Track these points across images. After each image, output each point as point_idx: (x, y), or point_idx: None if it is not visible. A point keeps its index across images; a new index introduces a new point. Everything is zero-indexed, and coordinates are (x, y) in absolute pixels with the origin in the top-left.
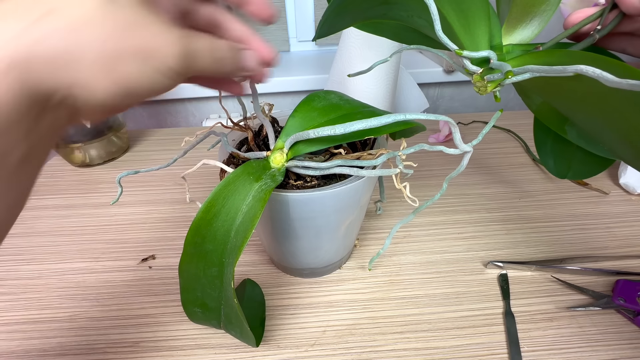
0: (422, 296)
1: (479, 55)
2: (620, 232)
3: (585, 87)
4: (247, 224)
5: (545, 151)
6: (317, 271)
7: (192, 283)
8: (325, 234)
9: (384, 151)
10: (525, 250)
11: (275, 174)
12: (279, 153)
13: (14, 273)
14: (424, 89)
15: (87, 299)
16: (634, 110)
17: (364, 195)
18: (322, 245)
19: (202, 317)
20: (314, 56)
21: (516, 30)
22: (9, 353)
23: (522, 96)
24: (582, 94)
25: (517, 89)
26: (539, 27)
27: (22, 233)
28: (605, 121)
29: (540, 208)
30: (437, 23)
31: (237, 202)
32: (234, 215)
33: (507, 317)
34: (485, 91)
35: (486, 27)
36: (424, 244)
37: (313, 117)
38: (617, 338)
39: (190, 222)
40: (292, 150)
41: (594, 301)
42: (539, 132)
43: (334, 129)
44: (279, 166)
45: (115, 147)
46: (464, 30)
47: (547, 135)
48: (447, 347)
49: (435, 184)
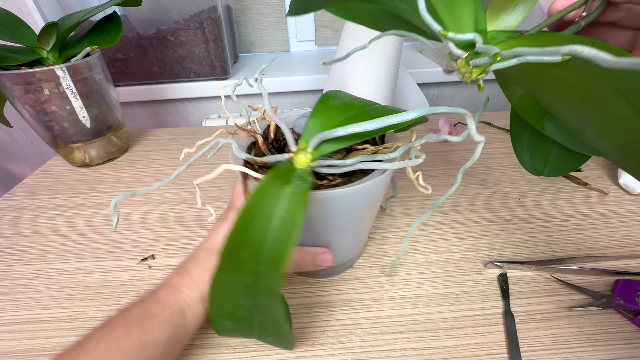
0: (422, 296)
1: (464, 37)
2: (619, 232)
3: (571, 76)
4: (286, 228)
5: (522, 147)
6: (335, 270)
7: (223, 296)
8: (348, 231)
9: (400, 144)
10: (524, 250)
11: (303, 175)
12: (303, 154)
13: (14, 273)
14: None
15: (86, 299)
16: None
17: (384, 189)
18: (345, 243)
19: (232, 329)
20: (314, 56)
21: (500, 17)
22: (8, 353)
23: (503, 88)
24: (567, 84)
25: (499, 81)
26: (523, 14)
27: (21, 233)
28: (587, 113)
29: (540, 208)
30: (422, 1)
31: (270, 208)
32: (267, 222)
33: (507, 317)
34: (470, 77)
35: (471, 11)
36: (423, 244)
37: (331, 116)
38: (617, 338)
39: (189, 221)
40: (317, 150)
41: (594, 301)
42: (516, 127)
43: (364, 125)
44: (305, 167)
45: (115, 147)
46: (448, 12)
47: (524, 130)
48: (447, 347)
49: (436, 184)
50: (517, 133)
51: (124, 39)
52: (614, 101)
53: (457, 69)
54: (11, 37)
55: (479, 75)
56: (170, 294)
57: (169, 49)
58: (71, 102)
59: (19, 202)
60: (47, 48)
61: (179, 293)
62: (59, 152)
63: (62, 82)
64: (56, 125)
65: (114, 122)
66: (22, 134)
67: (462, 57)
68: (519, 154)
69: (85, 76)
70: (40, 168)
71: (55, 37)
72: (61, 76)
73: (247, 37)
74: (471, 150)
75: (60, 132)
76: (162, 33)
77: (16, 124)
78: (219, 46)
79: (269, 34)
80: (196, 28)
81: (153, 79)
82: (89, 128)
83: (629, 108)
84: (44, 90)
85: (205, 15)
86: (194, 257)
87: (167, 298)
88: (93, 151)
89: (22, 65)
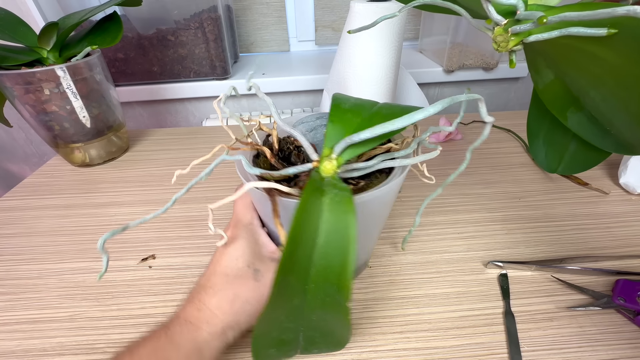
0: (422, 296)
1: (507, 1)
2: (620, 232)
3: (613, 55)
4: (341, 240)
5: (538, 143)
6: (355, 273)
7: (269, 327)
8: (375, 232)
9: (409, 139)
10: (525, 250)
11: (334, 183)
12: (328, 161)
13: (14, 273)
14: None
15: (87, 299)
16: None
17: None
18: (369, 244)
19: (276, 355)
20: (314, 56)
21: None
22: (8, 353)
23: (532, 71)
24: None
25: (528, 61)
26: None
27: (21, 233)
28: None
29: (540, 208)
30: None
31: (313, 223)
32: (313, 238)
33: (507, 317)
34: (507, 47)
35: None
36: (423, 244)
37: (349, 120)
38: (617, 338)
39: (190, 221)
40: (341, 156)
41: (594, 301)
42: (534, 122)
43: (392, 124)
44: (332, 174)
45: (115, 147)
46: None
47: (542, 124)
48: (447, 347)
49: (436, 184)
50: (535, 127)
51: (124, 38)
52: None
53: (493, 38)
54: (11, 37)
55: (515, 46)
56: (188, 332)
57: (169, 48)
58: (71, 102)
59: (20, 202)
60: (48, 48)
61: (197, 330)
62: (59, 152)
63: (62, 82)
64: (56, 125)
65: (114, 122)
66: (22, 134)
67: (501, 24)
68: (534, 149)
69: (86, 76)
70: (41, 168)
71: (56, 37)
72: (61, 76)
73: (247, 37)
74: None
75: (61, 132)
76: (163, 33)
77: (16, 124)
78: (219, 46)
79: (269, 34)
80: (196, 28)
81: (153, 78)
82: (89, 128)
83: None
84: (44, 90)
85: (205, 15)
86: (207, 285)
87: (183, 337)
88: (93, 151)
89: (22, 65)
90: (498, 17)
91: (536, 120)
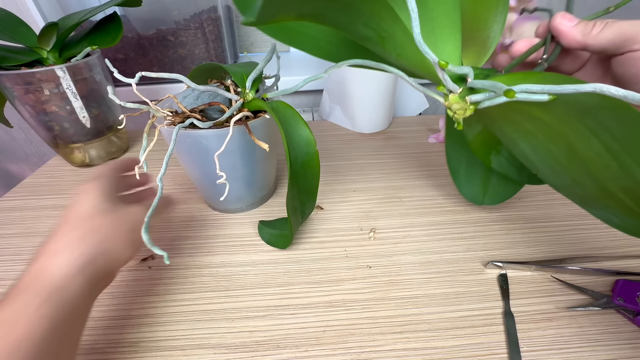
0: (422, 296)
1: (460, 71)
2: (619, 232)
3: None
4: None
5: (460, 179)
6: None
7: (291, 201)
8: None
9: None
10: (524, 250)
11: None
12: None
13: (14, 273)
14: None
15: None
16: (591, 140)
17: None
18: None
19: (296, 222)
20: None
21: (467, 55)
22: None
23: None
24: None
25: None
26: (486, 56)
27: (22, 233)
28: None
29: (540, 208)
30: (417, 25)
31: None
32: (292, 140)
33: (507, 317)
34: (463, 114)
35: (457, 45)
36: (423, 244)
37: None
38: (617, 338)
39: (190, 221)
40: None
41: (594, 301)
42: (452, 161)
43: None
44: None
45: (115, 147)
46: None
47: (460, 163)
48: (447, 347)
49: (436, 184)
50: (454, 165)
51: (124, 39)
52: (584, 141)
53: (448, 105)
54: (11, 37)
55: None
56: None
57: (169, 49)
58: (71, 102)
59: (20, 202)
60: (47, 48)
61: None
62: (59, 152)
63: (62, 82)
64: (56, 126)
65: (114, 122)
66: (22, 134)
67: (456, 92)
68: (459, 184)
69: (86, 76)
70: (41, 168)
71: (56, 37)
72: (61, 76)
73: (247, 37)
74: None
75: (61, 132)
76: (162, 33)
77: (16, 124)
78: (219, 46)
79: None
80: (196, 28)
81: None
82: (89, 128)
83: (600, 146)
84: (44, 90)
85: (205, 15)
86: (63, 231)
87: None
88: (93, 151)
89: (22, 65)
90: (454, 86)
91: (454, 159)
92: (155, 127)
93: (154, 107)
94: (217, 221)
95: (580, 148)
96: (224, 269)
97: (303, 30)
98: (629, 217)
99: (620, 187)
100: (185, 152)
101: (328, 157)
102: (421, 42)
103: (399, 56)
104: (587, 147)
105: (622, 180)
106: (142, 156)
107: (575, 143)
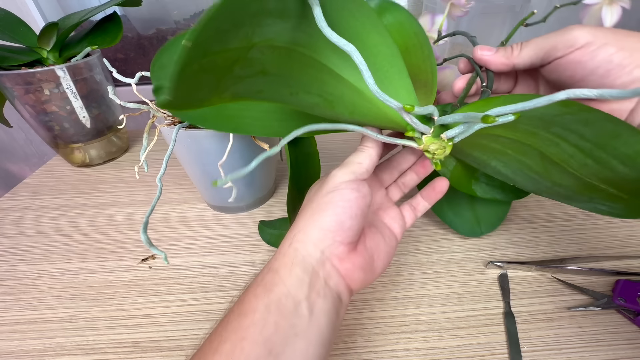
0: (422, 296)
1: (426, 111)
2: (620, 232)
3: (512, 133)
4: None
5: (449, 217)
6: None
7: None
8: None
9: None
10: (525, 250)
11: None
12: None
13: (14, 273)
14: None
15: (87, 299)
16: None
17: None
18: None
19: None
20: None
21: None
22: (9, 353)
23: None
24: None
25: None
26: (432, 94)
27: (22, 233)
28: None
29: (540, 208)
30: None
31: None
32: None
33: (507, 317)
34: (444, 153)
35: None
36: (424, 244)
37: None
38: (618, 338)
39: (190, 221)
40: None
41: (594, 301)
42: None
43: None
44: None
45: (115, 147)
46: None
47: (440, 204)
48: (447, 347)
49: None
50: (437, 209)
51: (124, 39)
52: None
53: (425, 148)
54: (11, 37)
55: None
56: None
57: None
58: (71, 102)
59: (20, 202)
60: (47, 48)
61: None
62: (59, 152)
63: (62, 82)
64: (56, 125)
65: (114, 122)
66: (22, 134)
67: (429, 133)
68: (451, 223)
69: (86, 76)
70: (41, 168)
71: (56, 37)
72: (61, 76)
73: None
74: None
75: (61, 132)
76: (162, 33)
77: (16, 124)
78: None
79: None
80: None
81: None
82: (89, 128)
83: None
84: (44, 90)
85: None
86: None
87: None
88: (93, 151)
89: (22, 65)
90: (425, 127)
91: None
92: (156, 127)
93: (154, 107)
94: (217, 221)
95: (552, 154)
96: (225, 269)
97: (244, 114)
98: (615, 202)
99: (601, 179)
100: (185, 152)
101: (328, 157)
102: (379, 91)
103: (352, 114)
104: (559, 152)
105: (602, 173)
106: (142, 156)
107: (546, 150)
